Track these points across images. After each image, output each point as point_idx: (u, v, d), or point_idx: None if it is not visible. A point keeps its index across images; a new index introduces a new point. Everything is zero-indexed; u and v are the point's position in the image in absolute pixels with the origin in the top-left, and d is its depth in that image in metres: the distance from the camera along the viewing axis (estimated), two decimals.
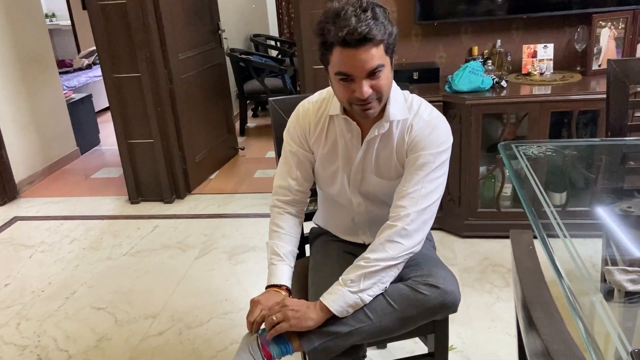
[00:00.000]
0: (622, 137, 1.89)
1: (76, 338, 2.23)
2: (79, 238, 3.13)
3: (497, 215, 2.71)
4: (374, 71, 1.21)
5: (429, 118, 1.35)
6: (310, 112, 1.44)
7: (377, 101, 1.27)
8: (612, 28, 2.65)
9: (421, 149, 1.33)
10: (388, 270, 1.29)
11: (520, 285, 0.64)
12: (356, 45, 1.17)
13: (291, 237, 1.49)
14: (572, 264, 1.16)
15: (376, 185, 1.43)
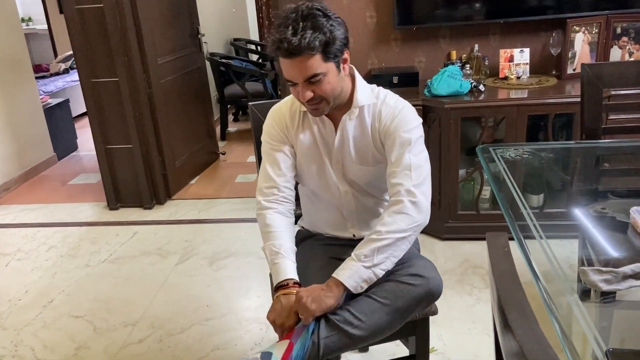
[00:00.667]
0: (597, 140, 1.93)
1: (54, 347, 2.19)
2: (56, 245, 3.08)
3: (476, 218, 2.74)
4: (312, 79, 1.27)
5: (395, 104, 1.42)
6: (284, 111, 1.49)
7: (324, 103, 1.34)
8: (586, 33, 2.71)
9: (394, 131, 1.38)
10: (399, 244, 1.30)
11: (496, 286, 0.64)
12: (289, 57, 1.24)
13: (286, 234, 1.45)
14: (548, 265, 1.18)
15: (358, 172, 1.47)
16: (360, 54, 3.01)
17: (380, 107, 1.42)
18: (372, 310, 1.32)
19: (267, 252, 1.43)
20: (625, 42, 2.69)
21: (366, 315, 1.31)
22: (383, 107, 1.41)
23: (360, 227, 1.57)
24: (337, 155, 1.46)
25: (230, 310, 2.35)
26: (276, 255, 1.39)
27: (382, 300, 1.32)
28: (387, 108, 1.41)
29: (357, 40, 2.99)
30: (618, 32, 2.69)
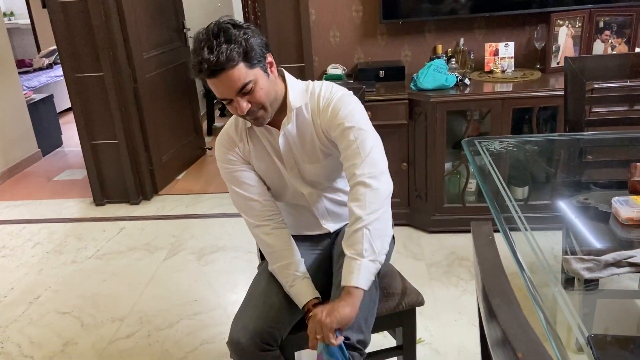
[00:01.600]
0: (580, 132, 1.96)
1: (41, 343, 2.18)
2: (42, 242, 3.05)
3: (462, 210, 2.77)
4: (243, 90, 1.25)
5: (330, 95, 1.39)
6: (231, 133, 1.46)
7: (263, 110, 1.32)
8: (570, 27, 2.74)
9: (333, 123, 1.35)
10: (385, 220, 1.28)
11: (481, 274, 0.66)
12: (214, 75, 1.23)
13: (289, 249, 1.45)
14: (533, 256, 1.19)
15: (312, 171, 1.46)
16: (347, 49, 3.02)
17: (317, 102, 1.40)
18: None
19: (279, 275, 1.43)
20: (608, 36, 2.73)
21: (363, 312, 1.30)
22: (320, 101, 1.40)
23: (334, 221, 1.58)
24: (288, 160, 1.45)
25: (218, 305, 2.35)
26: (290, 279, 1.40)
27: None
28: (323, 101, 1.39)
29: (343, 34, 2.99)
30: (601, 26, 2.72)
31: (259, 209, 1.46)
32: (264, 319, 1.35)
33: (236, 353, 1.33)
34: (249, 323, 1.34)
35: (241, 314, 1.39)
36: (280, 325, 1.37)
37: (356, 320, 1.27)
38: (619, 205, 1.29)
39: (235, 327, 1.35)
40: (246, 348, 1.30)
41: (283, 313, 1.39)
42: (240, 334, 1.32)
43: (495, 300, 0.61)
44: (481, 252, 0.70)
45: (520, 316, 0.59)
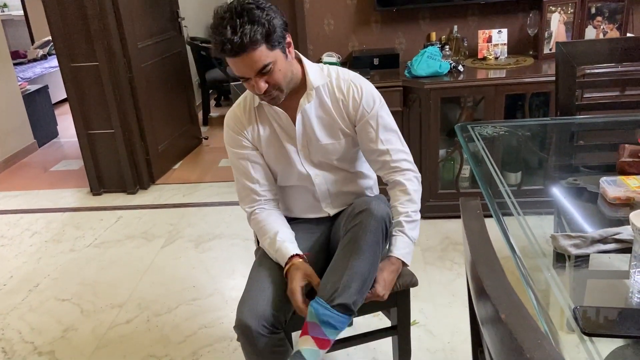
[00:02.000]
0: (572, 116, 1.99)
1: (41, 330, 2.21)
2: (40, 231, 3.07)
3: (456, 196, 2.80)
4: (263, 71, 1.29)
5: (350, 76, 1.47)
6: (238, 114, 1.50)
7: (278, 91, 1.35)
8: (562, 13, 2.76)
9: (364, 114, 1.45)
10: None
11: (468, 244, 0.69)
12: (236, 55, 1.25)
13: (277, 222, 1.49)
14: (526, 240, 1.22)
15: (325, 149, 1.49)
16: (341, 36, 3.03)
17: (338, 83, 1.45)
18: (344, 266, 1.33)
19: (266, 246, 1.47)
20: (600, 21, 2.75)
21: (342, 276, 1.32)
22: (342, 83, 1.45)
23: (333, 206, 1.61)
24: (302, 140, 1.48)
25: (216, 291, 2.38)
26: (274, 244, 1.44)
27: (346, 252, 1.35)
28: (344, 83, 1.45)
29: (338, 22, 3.01)
30: (593, 12, 2.75)
31: (256, 197, 1.51)
32: (270, 302, 1.36)
33: (245, 336, 1.34)
34: (256, 307, 1.34)
35: (247, 298, 1.39)
36: (285, 309, 1.39)
37: (359, 283, 1.32)
38: (607, 185, 1.33)
39: (242, 311, 1.35)
40: (255, 331, 1.31)
41: (287, 297, 1.40)
42: (249, 318, 1.32)
43: (481, 267, 0.64)
44: (469, 224, 0.73)
45: (505, 282, 0.62)
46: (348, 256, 1.34)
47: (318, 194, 1.57)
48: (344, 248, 1.37)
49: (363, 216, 1.37)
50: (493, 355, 0.63)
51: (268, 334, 1.34)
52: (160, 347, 2.06)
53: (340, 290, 1.30)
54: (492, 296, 0.59)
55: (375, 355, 1.92)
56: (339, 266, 1.34)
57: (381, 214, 1.38)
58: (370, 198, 1.43)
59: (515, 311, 0.57)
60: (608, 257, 1.20)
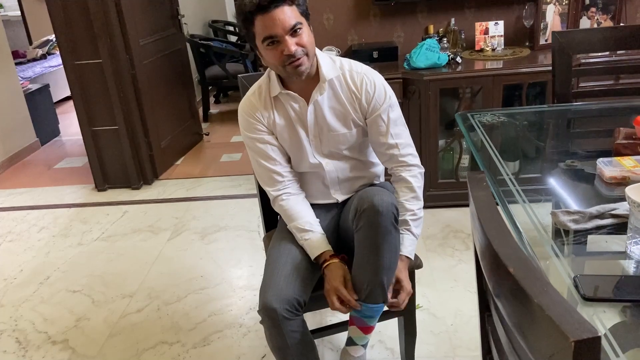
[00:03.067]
0: (568, 103, 2.05)
1: (54, 320, 2.26)
2: (47, 226, 3.12)
3: (456, 185, 2.86)
4: (294, 29, 1.33)
5: (363, 70, 1.51)
6: (254, 102, 1.52)
7: (306, 57, 1.38)
8: (557, 4, 2.82)
9: (376, 108, 1.50)
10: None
11: (476, 210, 0.74)
12: (271, 7, 1.30)
13: (305, 210, 1.55)
14: (530, 224, 1.27)
15: (336, 138, 1.53)
16: (340, 30, 3.08)
17: (352, 76, 1.49)
18: (369, 264, 1.40)
19: (294, 230, 1.53)
20: (594, 12, 2.81)
21: (371, 273, 1.40)
22: (355, 76, 1.49)
23: (342, 192, 1.65)
24: (313, 129, 1.53)
25: (223, 280, 2.44)
26: (304, 232, 1.50)
27: (364, 252, 1.40)
28: (357, 75, 1.49)
29: (337, 16, 3.06)
30: (587, 3, 2.81)
31: (279, 179, 1.56)
32: (292, 286, 1.41)
33: (271, 319, 1.37)
34: (280, 290, 1.38)
35: (270, 282, 1.42)
36: (305, 292, 1.45)
37: (388, 276, 1.44)
38: (603, 166, 1.38)
39: (266, 294, 1.39)
40: (280, 315, 1.35)
41: (307, 280, 1.47)
42: (274, 302, 1.36)
43: (489, 230, 0.69)
44: (476, 194, 0.79)
45: (512, 241, 0.67)
46: (368, 255, 1.40)
47: (328, 180, 1.61)
48: (362, 247, 1.41)
49: (369, 214, 1.38)
50: (502, 308, 0.69)
51: (292, 316, 1.38)
52: (171, 334, 2.12)
53: (374, 289, 1.41)
54: (501, 253, 0.65)
55: (381, 338, 1.98)
56: (365, 265, 1.41)
57: (386, 207, 1.38)
58: (372, 191, 1.43)
59: (522, 264, 0.62)
60: (605, 241, 1.26)
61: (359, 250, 1.43)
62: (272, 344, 1.44)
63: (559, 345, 0.52)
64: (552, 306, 0.54)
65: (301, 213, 1.54)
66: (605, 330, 0.88)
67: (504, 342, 0.78)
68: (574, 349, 0.49)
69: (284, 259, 1.50)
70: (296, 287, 1.41)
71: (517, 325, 0.64)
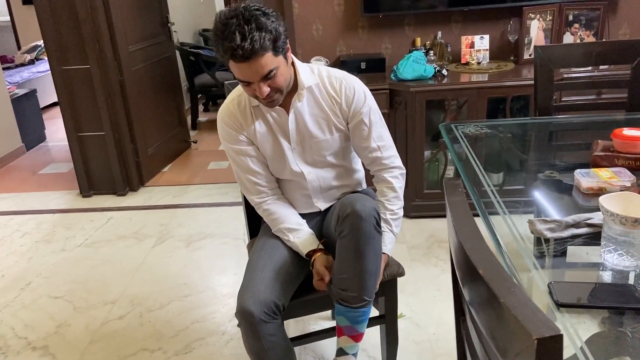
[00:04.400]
0: (550, 116, 2.09)
1: (35, 326, 2.23)
2: (30, 232, 3.09)
3: (441, 196, 2.88)
4: (268, 76, 1.33)
5: (341, 75, 1.54)
6: (232, 110, 1.54)
7: (279, 94, 1.41)
8: (541, 20, 2.88)
9: (357, 110, 1.52)
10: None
11: (451, 216, 0.76)
12: (244, 60, 1.29)
13: (289, 213, 1.59)
14: (510, 237, 1.29)
15: (319, 145, 1.55)
16: (329, 41, 3.12)
17: (330, 82, 1.51)
18: (353, 271, 1.42)
19: (280, 234, 1.57)
20: (577, 29, 2.87)
21: (357, 280, 1.42)
22: (333, 81, 1.51)
23: (325, 201, 1.66)
24: (295, 137, 1.54)
25: (207, 287, 2.43)
26: (294, 232, 1.55)
27: (348, 257, 1.42)
28: (336, 81, 1.52)
29: (326, 27, 3.09)
30: (570, 19, 2.87)
31: (260, 187, 1.58)
32: (271, 289, 1.41)
33: (247, 322, 1.38)
34: (258, 293, 1.39)
35: (248, 284, 1.43)
36: (285, 296, 1.46)
37: (372, 280, 1.47)
38: (581, 177, 1.41)
39: (243, 297, 1.40)
40: (257, 318, 1.36)
41: (287, 283, 1.48)
42: (251, 304, 1.37)
43: (462, 234, 0.71)
44: (452, 199, 0.81)
45: (483, 245, 0.69)
46: (353, 260, 1.42)
47: (310, 190, 1.62)
48: (346, 252, 1.43)
49: (352, 220, 1.40)
50: (473, 310, 0.70)
51: (269, 319, 1.39)
52: (153, 341, 2.10)
53: (359, 294, 1.44)
54: (472, 257, 0.66)
55: (364, 346, 1.98)
56: (349, 271, 1.43)
57: (368, 212, 1.41)
58: (354, 198, 1.46)
59: (491, 266, 0.64)
60: (586, 252, 1.28)
61: (343, 255, 1.44)
62: (249, 348, 1.44)
63: (523, 344, 0.53)
64: (517, 306, 0.55)
65: (287, 215, 1.57)
66: (581, 343, 0.89)
67: (476, 345, 0.79)
68: (536, 346, 0.51)
69: (264, 262, 1.51)
70: (275, 291, 1.42)
71: (487, 326, 0.66)
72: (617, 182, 1.35)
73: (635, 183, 1.35)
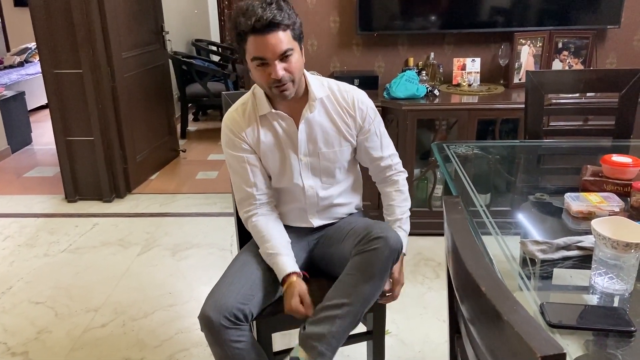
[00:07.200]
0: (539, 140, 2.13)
1: (15, 331, 2.19)
2: (13, 235, 3.04)
3: (429, 214, 2.91)
4: (285, 54, 1.35)
5: (351, 88, 1.57)
6: (236, 117, 1.53)
7: (292, 83, 1.41)
8: (531, 46, 2.94)
9: (370, 123, 1.57)
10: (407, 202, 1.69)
11: (451, 233, 0.77)
12: (265, 31, 1.32)
13: (275, 232, 1.54)
14: (502, 256, 1.30)
15: (328, 157, 1.56)
16: (324, 57, 3.15)
17: (342, 94, 1.54)
18: (352, 286, 1.40)
19: (264, 256, 1.52)
20: (566, 56, 2.94)
21: (349, 294, 1.39)
22: (345, 94, 1.54)
23: (319, 217, 1.65)
24: (304, 149, 1.53)
25: (192, 297, 2.41)
26: (271, 257, 1.49)
27: (356, 273, 1.40)
28: (347, 94, 1.54)
29: (321, 43, 3.13)
30: (560, 46, 2.94)
31: (252, 201, 1.55)
32: (234, 295, 1.39)
33: (206, 328, 1.37)
34: (220, 299, 1.38)
35: (215, 291, 1.43)
36: (252, 302, 1.42)
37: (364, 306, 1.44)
38: (571, 200, 1.44)
39: (207, 302, 1.39)
40: (215, 322, 1.34)
41: (256, 290, 1.45)
42: (210, 309, 1.36)
43: (463, 251, 0.72)
44: (451, 216, 0.82)
45: (484, 262, 0.70)
46: (358, 277, 1.40)
47: (307, 205, 1.60)
48: (354, 268, 1.41)
49: (380, 243, 1.39)
50: (473, 328, 0.71)
51: (231, 325, 1.37)
52: (136, 350, 2.07)
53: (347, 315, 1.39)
54: (475, 274, 0.67)
55: None
56: (348, 286, 1.40)
57: (397, 245, 1.41)
58: (386, 226, 1.48)
59: (494, 284, 0.65)
60: (570, 275, 1.30)
61: (349, 270, 1.42)
62: (213, 353, 1.43)
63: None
64: (521, 324, 0.57)
65: (271, 235, 1.52)
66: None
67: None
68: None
69: (235, 270, 1.50)
70: (239, 297, 1.39)
71: (487, 343, 0.67)
72: (606, 207, 1.38)
73: (624, 208, 1.39)
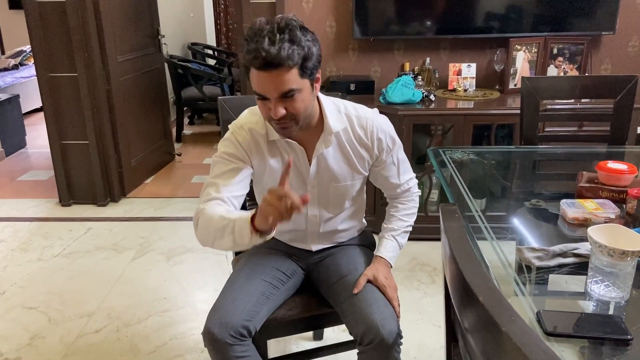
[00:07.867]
0: (534, 145, 2.13)
1: (7, 337, 2.17)
2: (6, 239, 3.02)
3: (425, 219, 2.91)
4: (287, 95, 1.22)
5: (370, 115, 1.45)
6: (247, 138, 1.40)
7: (294, 122, 1.28)
8: (527, 52, 2.96)
9: (388, 154, 1.50)
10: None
11: (448, 241, 0.77)
12: (265, 69, 1.18)
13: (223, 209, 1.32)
14: (497, 261, 1.30)
15: (338, 190, 1.49)
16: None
17: (360, 123, 1.42)
18: None
19: (220, 232, 1.27)
20: (561, 61, 2.96)
21: None
22: (364, 123, 1.42)
23: (320, 241, 1.60)
24: (313, 181, 1.45)
25: (187, 303, 2.40)
26: (227, 222, 1.26)
27: None
28: (368, 122, 1.42)
29: None
30: (555, 52, 2.95)
31: (219, 204, 1.34)
32: (240, 312, 1.36)
33: (211, 345, 1.35)
34: (225, 316, 1.35)
35: (219, 306, 1.39)
36: (256, 318, 1.41)
37: None
38: (567, 207, 1.44)
39: (211, 318, 1.36)
40: (220, 340, 1.32)
41: (260, 307, 1.43)
42: (215, 327, 1.33)
43: (460, 259, 0.72)
44: (448, 224, 0.82)
45: (482, 271, 0.70)
46: None
47: (307, 231, 1.57)
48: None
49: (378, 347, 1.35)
50: (471, 337, 0.71)
51: (235, 342, 1.34)
52: (129, 356, 2.06)
53: None
54: (472, 283, 0.67)
55: None
56: None
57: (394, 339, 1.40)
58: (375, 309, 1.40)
59: (491, 294, 0.65)
60: (565, 281, 1.30)
61: None
62: None
63: None
64: (519, 335, 0.56)
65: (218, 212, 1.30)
66: None
67: None
68: None
69: (240, 283, 1.47)
70: (245, 313, 1.37)
71: (485, 353, 0.66)
72: (602, 214, 1.38)
73: (620, 215, 1.39)
